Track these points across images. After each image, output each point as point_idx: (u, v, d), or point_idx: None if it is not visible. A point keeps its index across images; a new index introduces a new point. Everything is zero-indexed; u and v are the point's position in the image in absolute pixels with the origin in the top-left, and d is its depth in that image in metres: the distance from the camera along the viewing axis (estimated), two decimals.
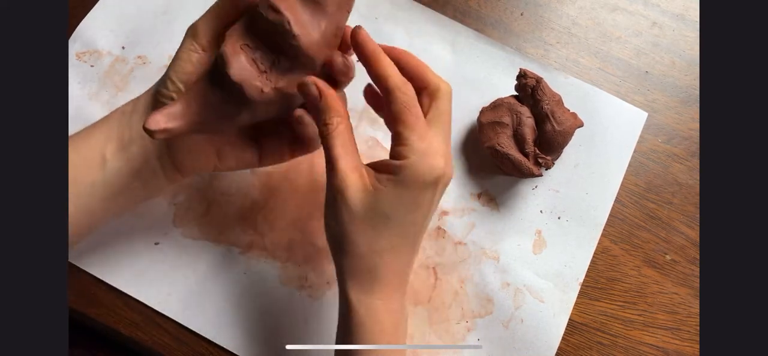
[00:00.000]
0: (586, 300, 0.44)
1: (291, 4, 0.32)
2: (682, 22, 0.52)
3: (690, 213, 0.46)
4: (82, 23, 0.49)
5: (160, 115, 0.33)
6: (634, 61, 0.50)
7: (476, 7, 0.52)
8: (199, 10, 0.50)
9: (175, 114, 0.33)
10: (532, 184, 0.46)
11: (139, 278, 0.43)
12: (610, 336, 0.44)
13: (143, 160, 0.36)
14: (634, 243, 0.46)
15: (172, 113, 0.33)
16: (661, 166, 0.48)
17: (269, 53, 0.33)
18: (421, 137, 0.32)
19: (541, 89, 0.43)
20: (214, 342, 0.42)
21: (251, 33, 0.34)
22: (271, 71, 0.33)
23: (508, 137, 0.44)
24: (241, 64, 0.33)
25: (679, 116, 0.49)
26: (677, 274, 0.45)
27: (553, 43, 0.51)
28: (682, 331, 0.44)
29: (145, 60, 0.49)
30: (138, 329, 0.42)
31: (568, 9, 0.52)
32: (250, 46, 0.33)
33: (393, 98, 0.33)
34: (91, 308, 0.43)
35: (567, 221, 0.46)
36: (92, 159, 0.36)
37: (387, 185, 0.32)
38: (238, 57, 0.33)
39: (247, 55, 0.33)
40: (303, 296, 0.43)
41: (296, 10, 0.33)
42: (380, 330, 0.34)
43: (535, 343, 0.43)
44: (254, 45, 0.33)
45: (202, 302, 0.43)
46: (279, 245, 0.44)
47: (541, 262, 0.45)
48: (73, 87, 0.47)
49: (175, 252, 0.44)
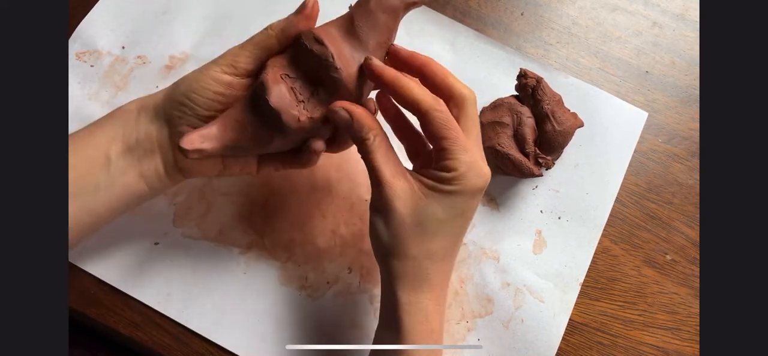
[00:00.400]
0: (586, 300, 0.44)
1: (334, 38, 0.34)
2: (682, 22, 0.52)
3: (690, 213, 0.46)
4: (82, 23, 0.49)
5: (195, 135, 0.34)
6: (634, 61, 0.50)
7: (476, 7, 0.52)
8: (198, 11, 0.50)
9: (211, 136, 0.34)
10: (533, 184, 0.46)
11: (139, 278, 0.43)
12: (610, 336, 0.44)
13: (149, 162, 0.37)
14: (634, 243, 0.46)
15: (208, 135, 0.34)
16: (661, 166, 0.48)
17: (308, 84, 0.35)
18: (465, 149, 0.34)
19: (541, 88, 0.43)
20: (214, 342, 0.42)
21: (292, 63, 0.35)
22: (308, 101, 0.35)
23: (508, 137, 0.44)
24: (280, 93, 0.34)
25: (679, 116, 0.49)
26: (677, 274, 0.45)
27: (554, 43, 0.51)
28: (682, 331, 0.44)
29: (145, 60, 0.49)
30: (138, 329, 0.42)
31: (568, 9, 0.52)
32: (290, 76, 0.35)
33: (430, 119, 0.34)
34: (91, 308, 0.43)
35: (567, 221, 0.46)
36: (96, 159, 0.36)
37: (439, 194, 0.34)
38: (279, 86, 0.34)
39: (287, 85, 0.34)
40: (303, 296, 0.43)
41: (339, 44, 0.34)
42: (430, 329, 0.35)
43: (535, 343, 0.43)
44: (294, 75, 0.35)
45: (202, 302, 0.43)
46: (279, 245, 0.44)
47: (541, 262, 0.45)
48: (73, 87, 0.47)
49: (175, 252, 0.44)
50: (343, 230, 0.45)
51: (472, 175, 0.34)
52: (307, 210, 0.45)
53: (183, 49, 0.49)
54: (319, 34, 0.34)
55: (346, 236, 0.45)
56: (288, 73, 0.35)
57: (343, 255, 0.44)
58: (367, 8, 0.34)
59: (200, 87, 0.35)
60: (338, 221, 0.45)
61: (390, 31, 0.35)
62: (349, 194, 0.46)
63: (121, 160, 0.36)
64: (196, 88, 0.35)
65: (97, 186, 0.36)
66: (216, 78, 0.35)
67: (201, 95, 0.35)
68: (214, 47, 0.49)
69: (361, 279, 0.44)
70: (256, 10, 0.51)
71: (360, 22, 0.34)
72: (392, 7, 0.35)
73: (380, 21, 0.34)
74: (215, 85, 0.35)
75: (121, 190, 0.36)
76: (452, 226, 0.35)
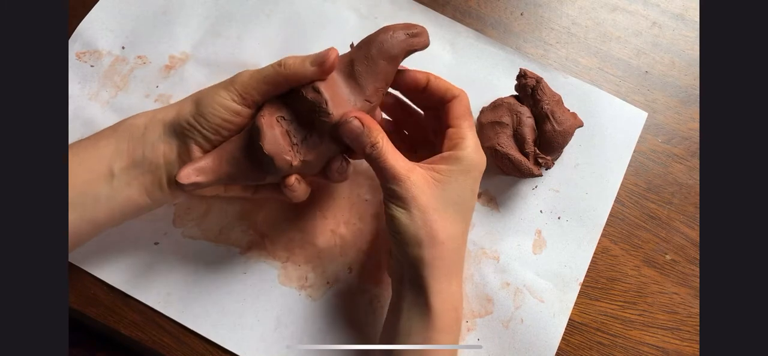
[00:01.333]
0: (586, 300, 0.44)
1: (332, 82, 0.35)
2: (681, 22, 0.52)
3: (690, 213, 0.46)
4: (82, 23, 0.49)
5: (191, 169, 0.35)
6: (634, 61, 0.50)
7: (476, 7, 0.52)
8: (198, 10, 0.50)
9: (205, 169, 0.36)
10: (532, 184, 0.46)
11: (139, 278, 0.43)
12: (610, 336, 0.44)
13: (153, 177, 0.37)
14: (634, 243, 0.46)
15: (202, 168, 0.35)
16: (661, 166, 0.48)
17: (302, 128, 0.36)
18: (473, 132, 0.38)
19: (541, 88, 0.43)
20: (214, 342, 0.42)
21: (288, 105, 0.36)
22: (302, 144, 0.36)
23: (508, 137, 0.44)
24: (274, 138, 0.35)
25: (679, 116, 0.49)
26: (677, 274, 0.45)
27: (553, 43, 0.51)
28: (682, 331, 0.44)
29: (145, 60, 0.49)
30: (138, 329, 0.42)
31: (568, 9, 0.52)
32: (285, 118, 0.35)
33: (459, 102, 0.38)
34: (91, 308, 0.43)
35: (567, 221, 0.46)
36: (99, 172, 0.36)
37: (452, 174, 0.36)
38: (273, 130, 0.35)
39: (281, 128, 0.35)
40: (303, 296, 0.43)
41: (336, 88, 0.35)
42: (456, 318, 0.37)
43: (535, 343, 0.43)
44: (289, 118, 0.35)
45: (202, 302, 0.43)
46: (279, 245, 0.44)
47: (541, 262, 0.45)
48: (73, 87, 0.47)
49: (175, 252, 0.44)
50: (343, 230, 0.45)
51: (478, 155, 0.37)
52: (307, 210, 0.45)
53: (183, 49, 0.49)
54: (317, 85, 0.35)
55: (346, 236, 0.45)
56: (284, 115, 0.35)
57: (343, 255, 0.44)
58: (368, 54, 0.35)
59: (209, 112, 0.36)
60: (338, 221, 0.45)
61: (389, 77, 0.36)
62: (349, 194, 0.46)
63: (124, 174, 0.37)
64: (206, 111, 0.36)
65: (99, 197, 0.36)
66: (225, 105, 0.36)
67: (209, 119, 0.36)
68: (215, 47, 0.49)
69: (361, 279, 0.44)
70: (256, 10, 0.51)
71: (360, 67, 0.35)
72: (392, 56, 0.35)
73: (380, 67, 0.35)
74: (223, 111, 0.36)
75: (123, 202, 0.37)
76: (467, 206, 0.37)
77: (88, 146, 0.37)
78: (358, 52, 0.35)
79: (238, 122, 0.37)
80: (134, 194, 0.37)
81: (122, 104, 0.47)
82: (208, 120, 0.36)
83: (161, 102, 0.47)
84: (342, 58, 0.36)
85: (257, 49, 0.49)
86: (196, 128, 0.36)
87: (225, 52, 0.49)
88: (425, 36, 0.36)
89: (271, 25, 0.50)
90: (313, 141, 0.36)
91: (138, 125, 0.37)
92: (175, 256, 0.44)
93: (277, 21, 0.50)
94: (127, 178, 0.37)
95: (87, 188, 0.36)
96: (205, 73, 0.48)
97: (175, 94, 0.48)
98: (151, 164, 0.37)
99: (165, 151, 0.37)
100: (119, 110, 0.47)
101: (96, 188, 0.36)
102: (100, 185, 0.36)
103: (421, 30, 0.36)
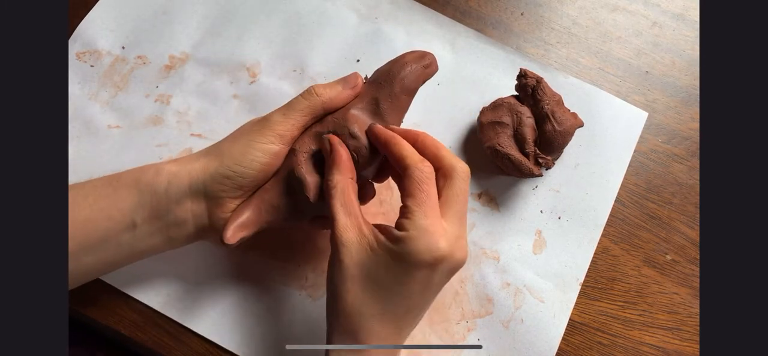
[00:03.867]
0: (586, 300, 0.44)
1: (363, 124, 0.36)
2: (682, 22, 0.52)
3: (690, 213, 0.46)
4: (82, 23, 0.49)
5: (235, 227, 0.35)
6: (634, 61, 0.50)
7: (476, 7, 0.52)
8: (198, 10, 0.50)
9: (248, 224, 0.36)
10: (533, 184, 0.46)
11: (139, 278, 0.43)
12: (610, 336, 0.44)
13: (179, 231, 0.37)
14: (634, 243, 0.46)
15: (245, 223, 0.36)
16: (661, 166, 0.48)
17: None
18: (426, 215, 0.32)
19: (541, 88, 0.43)
20: (214, 342, 0.42)
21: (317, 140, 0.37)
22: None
23: (508, 137, 0.44)
24: (316, 184, 0.36)
25: (679, 115, 0.49)
26: (677, 274, 0.45)
27: (554, 43, 0.51)
28: (682, 331, 0.44)
29: (145, 60, 0.49)
30: (138, 329, 0.42)
31: (568, 9, 0.52)
32: (314, 155, 0.37)
33: (408, 174, 0.33)
34: (91, 308, 0.43)
35: (567, 221, 0.46)
36: (120, 221, 0.35)
37: (383, 251, 0.32)
38: (314, 177, 0.36)
39: (315, 166, 0.36)
40: (303, 296, 0.43)
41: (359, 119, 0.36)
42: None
43: (536, 343, 0.43)
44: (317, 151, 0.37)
45: (202, 302, 0.43)
46: (279, 245, 0.44)
47: (541, 262, 0.45)
48: (73, 87, 0.47)
49: (175, 252, 0.43)
50: None
51: (421, 243, 0.31)
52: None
53: (183, 49, 0.49)
54: (354, 130, 0.36)
55: None
56: (312, 150, 0.37)
57: None
58: (391, 92, 0.37)
59: (248, 160, 0.35)
60: None
61: (407, 106, 0.38)
62: None
63: (147, 225, 0.36)
64: (244, 161, 0.35)
65: (121, 244, 0.36)
66: (265, 150, 0.36)
67: (249, 168, 0.35)
68: (214, 47, 0.49)
69: None
70: (256, 10, 0.51)
71: (385, 105, 0.37)
72: (412, 89, 0.37)
73: (402, 102, 0.37)
74: (263, 157, 0.36)
75: (146, 248, 0.37)
76: (392, 291, 0.32)
77: (107, 194, 0.36)
78: (382, 91, 0.37)
79: (276, 164, 0.36)
80: (157, 243, 0.37)
81: (122, 104, 0.47)
82: (248, 168, 0.35)
83: (161, 102, 0.47)
84: (367, 100, 0.37)
85: (257, 49, 0.49)
86: (233, 179, 0.35)
87: (225, 52, 0.49)
88: (435, 64, 0.38)
89: (271, 25, 0.50)
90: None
91: (160, 181, 0.36)
92: (175, 256, 0.43)
93: (277, 21, 0.50)
94: (150, 229, 0.36)
95: (108, 236, 0.35)
96: (205, 73, 0.48)
97: (175, 94, 0.48)
98: (176, 219, 0.36)
99: (193, 208, 0.36)
100: (119, 109, 0.47)
101: (117, 237, 0.36)
102: (121, 234, 0.36)
103: (432, 59, 0.38)
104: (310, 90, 0.37)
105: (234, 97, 0.48)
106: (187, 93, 0.48)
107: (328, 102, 0.36)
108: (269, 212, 0.37)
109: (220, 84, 0.48)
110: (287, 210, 0.37)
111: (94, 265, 0.36)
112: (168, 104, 0.47)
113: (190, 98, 0.48)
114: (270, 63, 0.49)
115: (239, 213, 0.36)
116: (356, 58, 0.49)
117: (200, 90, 0.48)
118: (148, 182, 0.36)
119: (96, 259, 0.36)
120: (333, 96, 0.36)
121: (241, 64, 0.49)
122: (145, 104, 0.47)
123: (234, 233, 0.35)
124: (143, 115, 0.47)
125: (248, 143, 0.36)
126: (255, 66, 0.49)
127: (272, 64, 0.49)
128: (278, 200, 0.37)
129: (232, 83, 0.48)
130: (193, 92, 0.48)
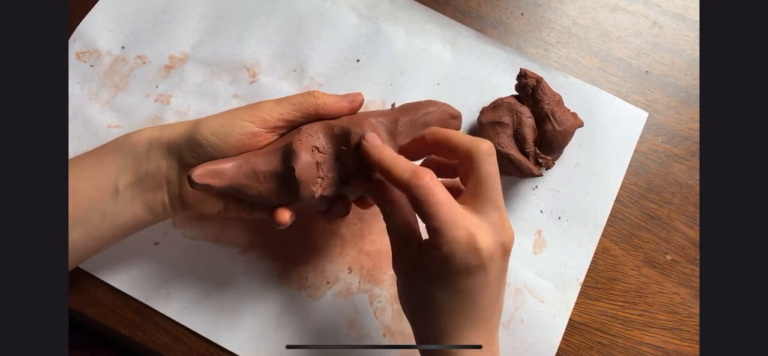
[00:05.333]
0: (586, 300, 0.44)
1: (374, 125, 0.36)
2: (682, 22, 0.52)
3: (690, 213, 0.46)
4: (82, 23, 0.49)
5: (208, 169, 0.34)
6: (635, 61, 0.50)
7: (476, 7, 0.52)
8: (198, 11, 0.50)
9: (222, 173, 0.35)
10: (533, 184, 0.46)
11: (139, 278, 0.43)
12: (610, 336, 0.43)
13: (156, 194, 0.37)
14: (634, 243, 0.46)
15: (219, 171, 0.35)
16: (661, 166, 0.48)
17: (333, 162, 0.36)
18: (454, 224, 0.30)
19: (541, 88, 0.43)
20: (214, 342, 0.42)
21: (326, 136, 0.36)
22: (325, 179, 0.36)
23: (508, 137, 0.44)
24: (308, 164, 0.35)
25: (679, 115, 0.49)
26: (677, 274, 0.45)
27: (554, 43, 0.51)
28: (682, 331, 0.44)
29: (145, 60, 0.49)
30: (138, 329, 0.42)
31: (568, 9, 0.52)
32: (320, 150, 0.36)
33: (411, 198, 0.31)
34: (91, 308, 0.43)
35: (567, 221, 0.46)
36: (104, 188, 0.36)
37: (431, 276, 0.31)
38: (309, 157, 0.35)
39: (315, 159, 0.35)
40: (303, 296, 0.43)
41: (376, 127, 0.36)
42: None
43: (536, 343, 0.43)
44: (323, 150, 0.36)
45: (202, 302, 0.43)
46: (279, 245, 0.44)
47: (541, 262, 0.45)
48: (73, 87, 0.47)
49: (175, 252, 0.44)
50: (343, 230, 0.45)
51: (460, 253, 0.30)
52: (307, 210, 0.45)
53: (183, 49, 0.49)
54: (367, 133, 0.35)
55: (346, 236, 0.45)
56: (318, 146, 0.36)
57: (343, 255, 0.44)
58: (413, 119, 0.37)
59: (224, 133, 0.35)
60: (338, 221, 0.45)
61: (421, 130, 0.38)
62: None
63: (129, 191, 0.37)
64: (220, 133, 0.35)
65: (104, 214, 0.36)
66: (242, 127, 0.36)
67: (223, 141, 0.35)
68: (214, 47, 0.49)
69: (361, 279, 0.44)
70: (256, 10, 0.51)
71: (403, 127, 0.37)
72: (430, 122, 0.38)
73: (419, 131, 0.37)
74: (239, 132, 0.35)
75: (128, 218, 0.37)
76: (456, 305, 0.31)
77: (92, 162, 0.37)
78: (405, 115, 0.37)
79: (251, 145, 0.36)
80: (138, 210, 0.37)
81: (122, 103, 0.47)
82: (222, 140, 0.35)
83: (161, 102, 0.47)
84: (389, 118, 0.37)
85: (257, 49, 0.49)
86: (206, 147, 0.35)
87: (225, 52, 0.49)
88: (460, 123, 0.39)
89: (271, 24, 0.50)
90: (337, 180, 0.36)
91: (141, 142, 0.37)
92: (175, 256, 0.44)
93: (277, 21, 0.50)
94: (131, 195, 0.37)
95: (93, 205, 0.36)
96: (205, 73, 0.48)
97: (174, 94, 0.48)
98: (153, 182, 0.37)
99: (168, 173, 0.37)
100: (119, 109, 0.47)
101: (101, 205, 0.36)
102: (105, 202, 0.36)
103: (460, 118, 0.39)
104: (310, 91, 0.37)
105: (234, 97, 0.48)
106: (186, 93, 0.48)
107: (322, 106, 0.36)
108: (247, 176, 0.35)
109: (220, 84, 0.48)
110: (267, 183, 0.35)
111: (82, 240, 0.36)
112: (168, 103, 0.47)
113: (190, 97, 0.48)
114: (270, 63, 0.49)
115: (218, 162, 0.35)
116: (356, 58, 0.49)
117: (200, 90, 0.48)
118: (132, 143, 0.37)
119: (83, 232, 0.36)
120: (329, 102, 0.37)
121: (241, 64, 0.49)
122: (145, 104, 0.47)
123: (202, 175, 0.34)
124: (143, 115, 0.47)
125: (230, 117, 0.36)
126: (255, 66, 0.49)
127: (272, 64, 0.49)
128: (261, 167, 0.35)
129: (231, 83, 0.48)
130: (193, 92, 0.48)
